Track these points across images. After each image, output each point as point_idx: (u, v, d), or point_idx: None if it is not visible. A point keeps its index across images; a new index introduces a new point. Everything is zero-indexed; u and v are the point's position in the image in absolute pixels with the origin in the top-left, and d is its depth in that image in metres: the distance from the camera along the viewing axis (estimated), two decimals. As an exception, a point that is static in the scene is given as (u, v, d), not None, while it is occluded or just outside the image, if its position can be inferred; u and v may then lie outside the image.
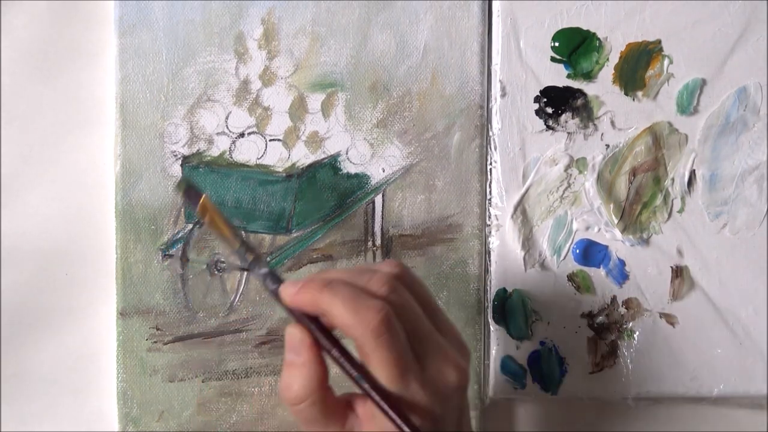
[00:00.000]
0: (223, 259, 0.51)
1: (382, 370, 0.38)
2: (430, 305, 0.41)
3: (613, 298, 0.52)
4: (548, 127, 0.52)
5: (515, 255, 0.52)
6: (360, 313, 0.37)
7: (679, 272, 0.52)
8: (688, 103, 0.52)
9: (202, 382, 0.51)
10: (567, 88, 0.52)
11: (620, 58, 0.52)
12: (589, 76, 0.52)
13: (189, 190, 0.43)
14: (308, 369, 0.39)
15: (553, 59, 0.51)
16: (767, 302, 0.53)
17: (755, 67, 0.52)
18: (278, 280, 0.40)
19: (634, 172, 0.52)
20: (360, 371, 0.38)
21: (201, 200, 0.42)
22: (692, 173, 0.52)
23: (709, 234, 0.52)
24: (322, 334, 0.39)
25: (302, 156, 0.51)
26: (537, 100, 0.52)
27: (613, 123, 0.52)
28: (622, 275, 0.52)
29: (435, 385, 0.39)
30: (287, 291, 0.40)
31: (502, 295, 0.52)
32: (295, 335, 0.39)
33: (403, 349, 0.38)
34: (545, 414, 0.54)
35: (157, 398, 0.51)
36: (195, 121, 0.50)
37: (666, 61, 0.52)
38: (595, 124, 0.52)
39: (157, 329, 0.50)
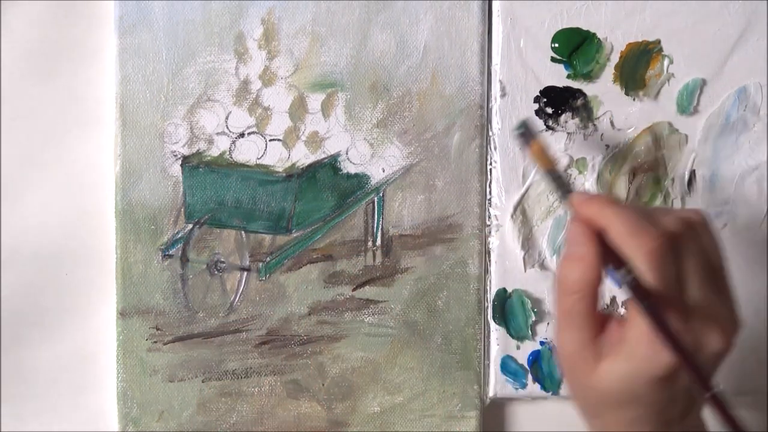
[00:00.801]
0: (223, 259, 0.51)
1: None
2: (715, 262, 0.41)
3: (613, 299, 0.52)
4: (548, 128, 0.52)
5: (515, 255, 0.52)
6: (637, 234, 0.38)
7: (679, 272, 0.52)
8: (688, 103, 0.52)
9: (202, 382, 0.51)
10: (567, 88, 0.52)
11: (620, 58, 0.52)
12: (589, 76, 0.52)
13: (525, 133, 0.47)
14: (586, 263, 0.39)
15: (553, 59, 0.51)
16: (767, 302, 0.53)
17: (755, 67, 0.52)
18: (569, 193, 0.43)
19: (634, 172, 0.52)
20: (630, 276, 0.38)
21: (532, 147, 0.46)
22: (692, 173, 0.52)
23: (709, 234, 0.52)
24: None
25: (302, 156, 0.51)
26: (537, 100, 0.52)
27: (612, 123, 0.52)
28: (622, 275, 0.52)
29: (695, 341, 0.38)
30: (577, 197, 0.41)
31: (502, 295, 0.52)
32: (583, 231, 0.40)
33: (670, 282, 0.38)
34: (545, 414, 0.54)
35: (157, 398, 0.51)
36: (195, 121, 0.50)
37: (666, 61, 0.52)
38: (595, 125, 0.52)
39: (157, 329, 0.50)
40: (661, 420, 0.40)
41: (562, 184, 0.44)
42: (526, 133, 0.47)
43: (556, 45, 0.51)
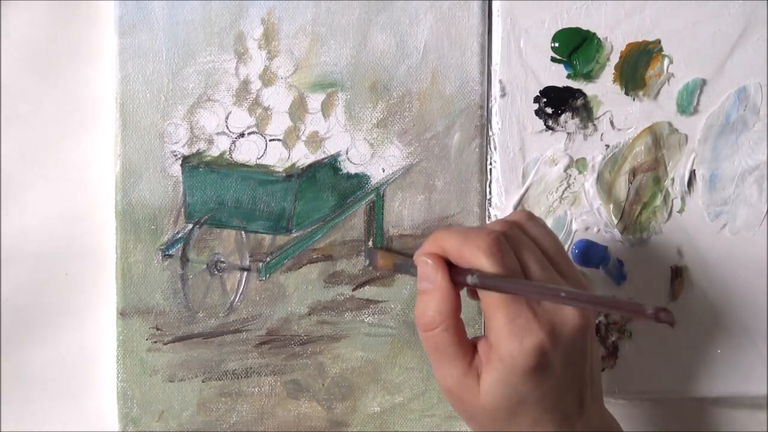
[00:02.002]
0: (223, 259, 0.51)
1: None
2: (552, 250, 0.42)
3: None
4: (548, 128, 0.52)
5: (515, 255, 0.52)
6: (470, 238, 0.39)
7: (678, 272, 0.52)
8: (688, 103, 0.52)
9: (202, 382, 0.51)
10: (567, 88, 0.52)
11: (620, 58, 0.52)
12: (589, 76, 0.52)
13: (371, 258, 0.49)
14: (441, 294, 0.40)
15: (553, 59, 0.51)
16: (767, 302, 0.53)
17: (755, 67, 0.52)
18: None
19: (633, 173, 0.52)
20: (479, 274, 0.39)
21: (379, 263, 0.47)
22: (692, 173, 0.52)
23: (709, 234, 0.52)
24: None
25: (302, 156, 0.51)
26: (537, 100, 0.52)
27: (612, 123, 0.52)
28: (621, 276, 0.52)
29: (550, 320, 0.39)
30: (415, 254, 0.42)
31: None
32: (427, 263, 0.41)
33: (513, 268, 0.39)
34: (545, 414, 0.54)
35: (157, 398, 0.51)
36: (195, 121, 0.50)
37: (666, 61, 0.52)
38: (594, 125, 0.52)
39: (157, 329, 0.50)
40: (558, 416, 0.40)
41: (406, 263, 0.44)
42: (371, 257, 0.49)
43: (556, 45, 0.51)
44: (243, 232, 0.51)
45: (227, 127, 0.51)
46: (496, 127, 0.52)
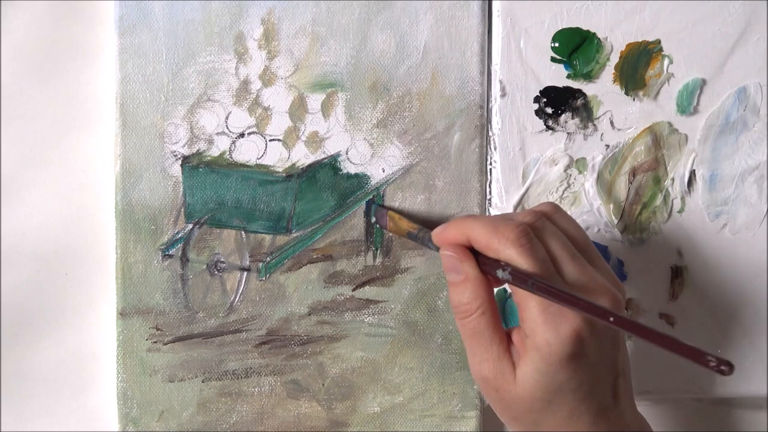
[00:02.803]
0: (223, 259, 0.51)
1: None
2: (580, 240, 0.42)
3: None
4: (548, 128, 0.52)
5: (515, 255, 0.52)
6: (499, 230, 0.40)
7: (678, 272, 0.52)
8: (688, 103, 0.52)
9: (202, 382, 0.51)
10: (567, 88, 0.52)
11: (620, 58, 0.52)
12: (589, 76, 0.52)
13: (378, 215, 0.50)
14: (472, 281, 0.40)
15: (553, 59, 0.51)
16: (767, 302, 0.53)
17: (755, 67, 0.52)
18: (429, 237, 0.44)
19: (633, 173, 0.52)
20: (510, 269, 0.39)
21: (389, 224, 0.49)
22: (692, 173, 0.53)
23: (709, 234, 0.52)
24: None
25: (302, 156, 0.51)
26: (537, 100, 0.52)
27: (612, 123, 0.52)
28: (621, 276, 0.52)
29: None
30: (436, 232, 0.43)
31: (502, 295, 0.52)
32: (450, 256, 0.41)
33: (544, 259, 0.39)
34: (545, 414, 0.54)
35: (157, 398, 0.51)
36: (195, 121, 0.50)
37: (666, 61, 0.52)
38: (594, 125, 0.52)
39: (157, 329, 0.50)
40: (594, 407, 0.40)
41: (423, 237, 0.46)
42: (378, 215, 0.50)
43: (556, 45, 0.51)
44: (243, 232, 0.51)
45: (227, 127, 0.50)
46: (496, 127, 0.52)
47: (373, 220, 0.51)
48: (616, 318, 0.36)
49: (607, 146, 0.52)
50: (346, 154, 0.51)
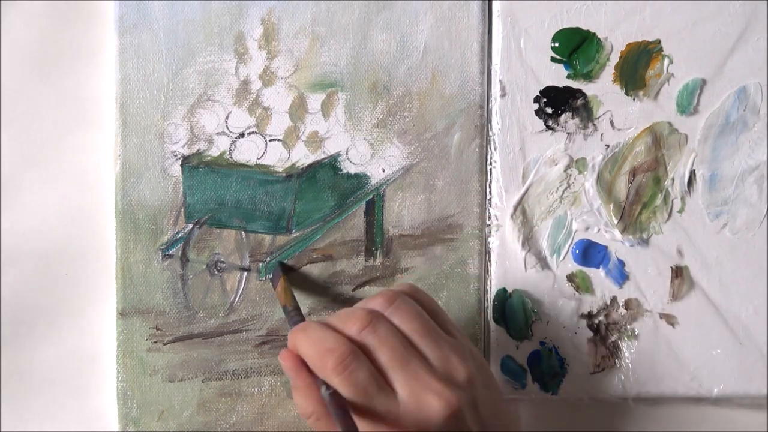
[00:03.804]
0: (223, 259, 0.51)
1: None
2: (433, 313, 0.44)
3: (613, 299, 0.52)
4: (548, 127, 0.52)
5: (515, 255, 0.52)
6: (320, 353, 0.41)
7: (679, 272, 0.52)
8: (688, 103, 0.52)
9: (202, 382, 0.51)
10: (567, 88, 0.52)
11: (620, 58, 0.52)
12: (589, 76, 0.52)
13: (274, 276, 0.50)
14: (305, 391, 0.42)
15: (553, 59, 0.51)
16: (767, 302, 0.53)
17: (755, 67, 0.52)
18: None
19: (634, 172, 0.52)
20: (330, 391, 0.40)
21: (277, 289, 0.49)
22: (692, 173, 0.52)
23: (709, 234, 0.52)
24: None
25: (302, 156, 0.51)
26: (537, 100, 0.52)
27: (612, 123, 0.52)
28: (621, 275, 0.52)
29: (414, 414, 0.40)
30: (291, 332, 0.44)
31: (502, 295, 0.52)
32: (285, 366, 0.43)
33: (366, 383, 0.40)
34: (545, 414, 0.54)
35: (157, 398, 0.51)
36: (195, 121, 0.50)
37: (666, 61, 0.52)
38: (594, 124, 0.52)
39: (157, 329, 0.50)
40: None
41: (291, 319, 0.46)
42: (275, 276, 0.50)
43: (556, 45, 0.51)
44: (243, 232, 0.51)
45: (227, 127, 0.51)
46: (496, 127, 0.52)
47: (270, 276, 0.51)
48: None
49: (607, 146, 0.52)
50: (346, 154, 0.51)
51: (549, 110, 0.52)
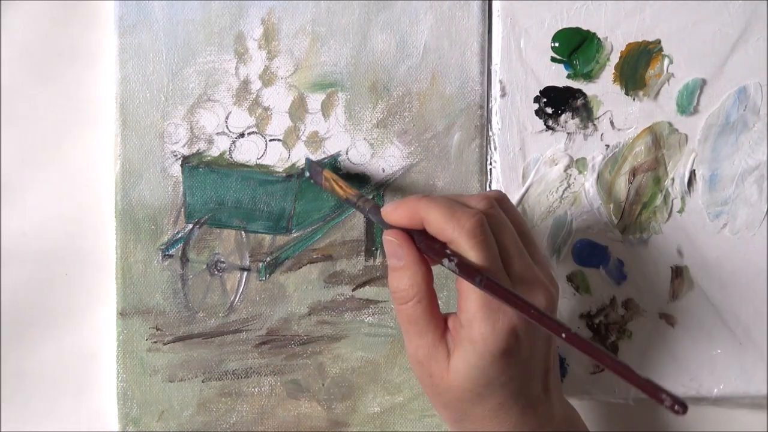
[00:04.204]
0: (223, 259, 0.51)
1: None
2: (525, 233, 0.42)
3: (613, 299, 0.52)
4: (548, 127, 0.52)
5: (515, 255, 0.52)
6: (455, 216, 0.39)
7: (678, 272, 0.52)
8: (688, 103, 0.52)
9: (202, 382, 0.51)
10: (567, 88, 0.52)
11: (620, 58, 0.52)
12: (589, 76, 0.52)
13: (312, 171, 0.49)
14: (412, 268, 0.40)
15: (553, 59, 0.51)
16: (767, 302, 0.53)
17: (755, 67, 0.52)
18: (378, 210, 0.43)
19: (633, 173, 0.52)
20: (455, 256, 0.39)
21: (324, 182, 0.47)
22: (692, 173, 0.52)
23: (709, 234, 0.52)
24: (420, 236, 0.41)
25: (302, 156, 0.51)
26: (537, 100, 0.52)
27: (612, 123, 0.52)
28: (621, 275, 0.52)
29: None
30: (387, 208, 0.42)
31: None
32: (392, 242, 0.41)
33: (495, 254, 0.39)
34: (545, 414, 0.54)
35: (157, 398, 0.51)
36: (195, 121, 0.50)
37: (666, 61, 0.52)
38: (594, 125, 0.52)
39: (157, 329, 0.50)
40: (523, 401, 0.40)
41: (363, 206, 0.45)
42: (313, 171, 0.49)
43: (556, 45, 0.51)
44: (243, 232, 0.51)
45: (227, 127, 0.51)
46: (496, 127, 0.52)
47: (306, 175, 0.49)
48: (569, 335, 0.36)
49: (607, 146, 0.52)
50: (346, 154, 0.51)
51: (549, 110, 0.52)
